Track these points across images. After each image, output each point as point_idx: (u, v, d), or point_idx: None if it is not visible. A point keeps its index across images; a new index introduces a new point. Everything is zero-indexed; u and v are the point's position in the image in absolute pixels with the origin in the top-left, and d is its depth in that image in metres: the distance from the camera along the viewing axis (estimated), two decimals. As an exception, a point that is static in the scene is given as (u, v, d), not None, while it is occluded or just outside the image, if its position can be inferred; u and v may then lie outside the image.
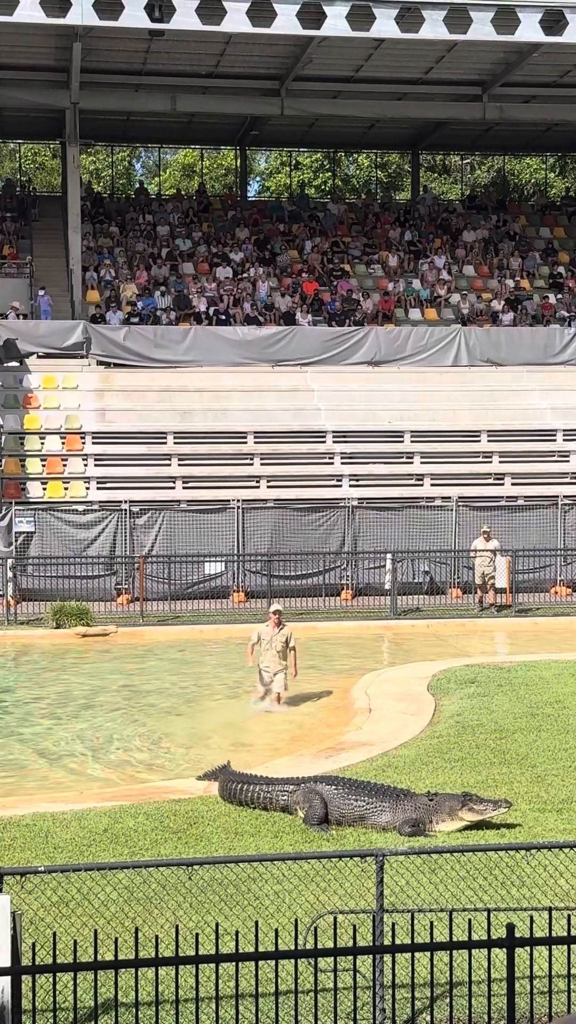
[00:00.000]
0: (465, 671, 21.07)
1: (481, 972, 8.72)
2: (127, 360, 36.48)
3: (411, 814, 12.44)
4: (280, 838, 12.31)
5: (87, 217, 42.13)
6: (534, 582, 31.35)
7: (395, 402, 36.23)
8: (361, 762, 15.11)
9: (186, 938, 8.80)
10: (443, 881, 10.33)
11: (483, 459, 34.89)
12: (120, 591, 30.74)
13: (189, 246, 42.35)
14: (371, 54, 37.43)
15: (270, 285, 40.48)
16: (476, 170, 64.76)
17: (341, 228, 44.59)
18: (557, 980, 8.80)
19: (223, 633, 27.01)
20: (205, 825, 12.69)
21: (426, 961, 8.65)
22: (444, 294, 41.23)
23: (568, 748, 15.58)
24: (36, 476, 33.02)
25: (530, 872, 10.30)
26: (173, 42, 35.69)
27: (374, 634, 27.30)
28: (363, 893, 10.31)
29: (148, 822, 12.70)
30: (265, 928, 8.95)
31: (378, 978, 8.32)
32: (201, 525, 31.22)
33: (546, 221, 46.74)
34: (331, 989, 8.48)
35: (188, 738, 17.89)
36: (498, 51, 37.66)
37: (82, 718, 19.24)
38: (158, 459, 33.76)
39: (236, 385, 36.31)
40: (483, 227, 45.05)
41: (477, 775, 14.37)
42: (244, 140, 49.10)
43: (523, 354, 38.27)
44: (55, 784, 15.49)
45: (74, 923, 9.59)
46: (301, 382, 36.80)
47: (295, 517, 31.71)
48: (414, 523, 31.81)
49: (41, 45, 35.78)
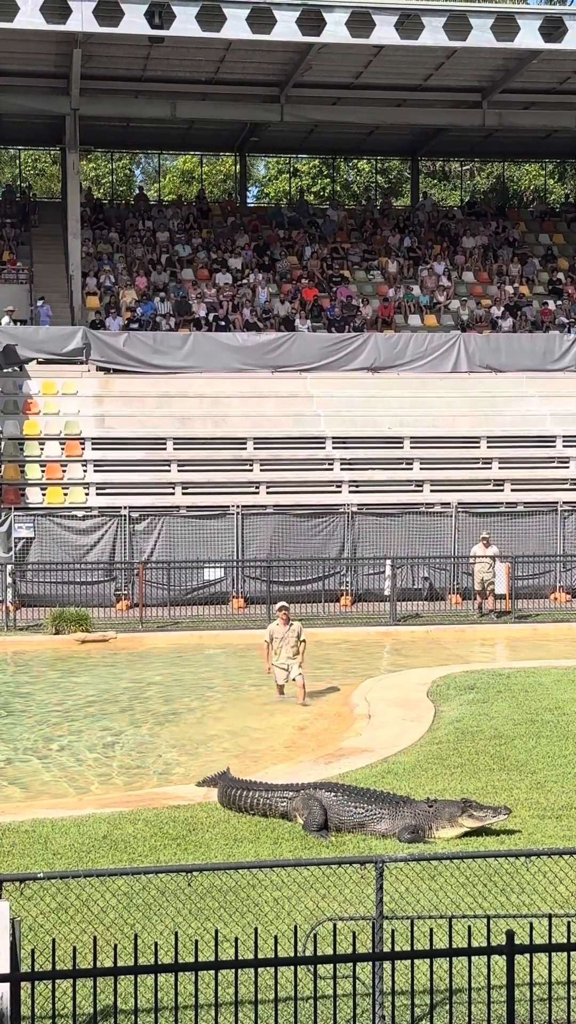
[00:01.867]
0: (465, 677, 21.05)
1: (481, 979, 8.71)
2: (127, 366, 36.49)
3: (410, 821, 12.42)
4: (279, 845, 12.29)
5: (87, 223, 42.18)
6: (533, 588, 31.34)
7: (395, 408, 36.24)
8: (360, 768, 15.08)
9: (185, 945, 8.79)
10: (442, 888, 10.31)
11: (483, 465, 34.90)
12: (119, 597, 30.73)
13: (189, 252, 42.39)
14: (371, 61, 37.50)
15: (270, 291, 40.52)
16: (476, 176, 64.85)
17: (341, 234, 44.64)
18: (557, 987, 8.78)
19: (222, 639, 27.00)
20: (204, 831, 12.67)
21: (426, 968, 8.64)
22: (444, 300, 41.28)
23: (568, 754, 15.56)
24: (36, 482, 33.02)
25: (530, 879, 10.29)
26: (173, 49, 35.76)
27: (373, 640, 27.27)
28: (362, 900, 10.29)
29: (147, 828, 12.69)
30: (264, 935, 8.93)
31: (377, 985, 8.31)
32: (200, 531, 31.21)
33: (545, 227, 46.80)
34: (331, 996, 8.46)
35: (187, 744, 17.86)
36: (498, 58, 37.74)
37: (81, 724, 19.22)
38: (157, 465, 33.76)
39: (235, 391, 36.32)
40: (483, 233, 45.11)
41: (476, 781, 14.36)
42: (244, 146, 49.18)
43: (522, 360, 38.28)
44: (54, 790, 15.47)
45: (73, 929, 9.57)
46: (301, 388, 36.81)
47: (294, 523, 31.71)
48: (413, 529, 31.81)
49: (41, 51, 35.85)
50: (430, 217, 46.53)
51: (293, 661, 20.39)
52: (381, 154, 55.93)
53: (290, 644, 20.42)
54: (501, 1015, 8.43)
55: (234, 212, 46.43)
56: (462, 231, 45.23)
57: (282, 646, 20.45)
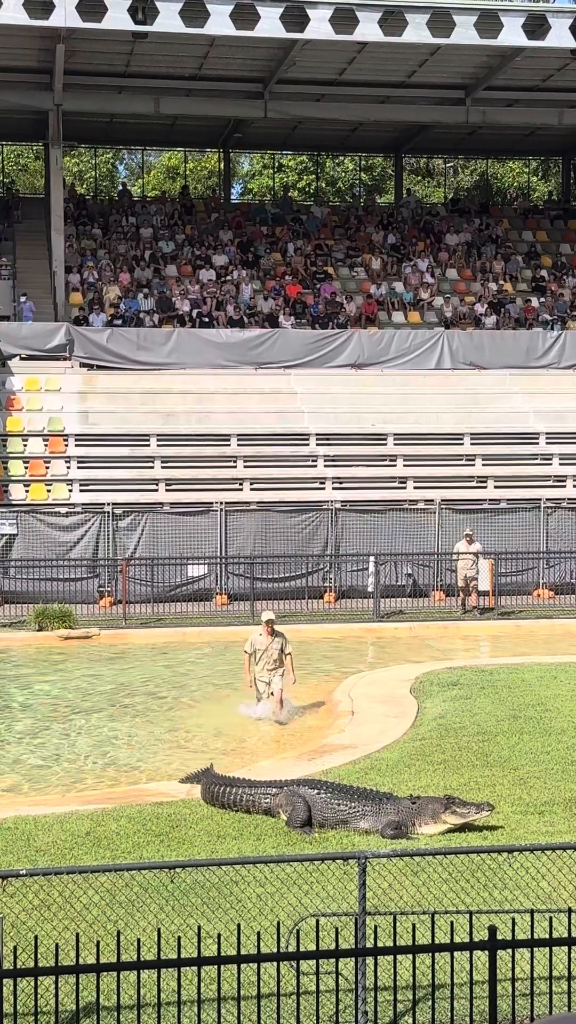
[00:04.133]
0: (448, 674, 21.09)
1: (463, 974, 8.73)
2: (110, 362, 36.43)
3: (393, 817, 12.45)
4: (263, 841, 12.30)
5: (70, 219, 42.08)
6: (517, 585, 31.40)
7: (378, 405, 36.26)
8: (344, 765, 15.11)
9: (168, 941, 8.79)
10: (425, 884, 10.34)
11: (466, 462, 34.95)
12: (103, 594, 30.68)
13: (172, 248, 42.32)
14: (354, 57, 37.46)
15: (253, 287, 40.49)
16: (459, 173, 64.90)
17: (324, 231, 44.62)
18: (539, 982, 8.81)
19: (206, 636, 26.99)
20: (188, 828, 12.67)
21: (408, 963, 8.66)
22: (427, 297, 41.30)
23: (550, 751, 15.61)
24: (19, 478, 32.93)
25: (512, 874, 10.32)
26: (156, 44, 35.67)
27: (357, 636, 27.29)
28: (345, 896, 10.31)
29: (130, 825, 12.68)
30: (247, 931, 8.94)
31: (360, 981, 8.32)
32: (184, 527, 31.19)
33: (529, 225, 46.86)
34: (313, 992, 8.47)
35: (171, 740, 17.86)
36: (481, 55, 37.74)
37: (63, 720, 19.21)
38: (141, 461, 33.71)
39: (219, 387, 36.29)
40: (466, 230, 45.14)
41: (460, 777, 14.39)
42: (227, 142, 49.10)
43: (506, 357, 38.34)
44: (37, 787, 15.45)
45: (56, 926, 9.56)
46: (284, 385, 36.80)
47: (278, 519, 31.71)
48: (397, 525, 31.84)
49: (24, 47, 35.69)
50: (414, 214, 46.54)
51: (275, 674, 19.10)
52: (365, 151, 55.89)
53: (273, 657, 19.13)
54: (483, 1011, 8.45)
55: (218, 208, 46.37)
56: (446, 228, 45.26)
57: (263, 659, 19.16)
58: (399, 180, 52.29)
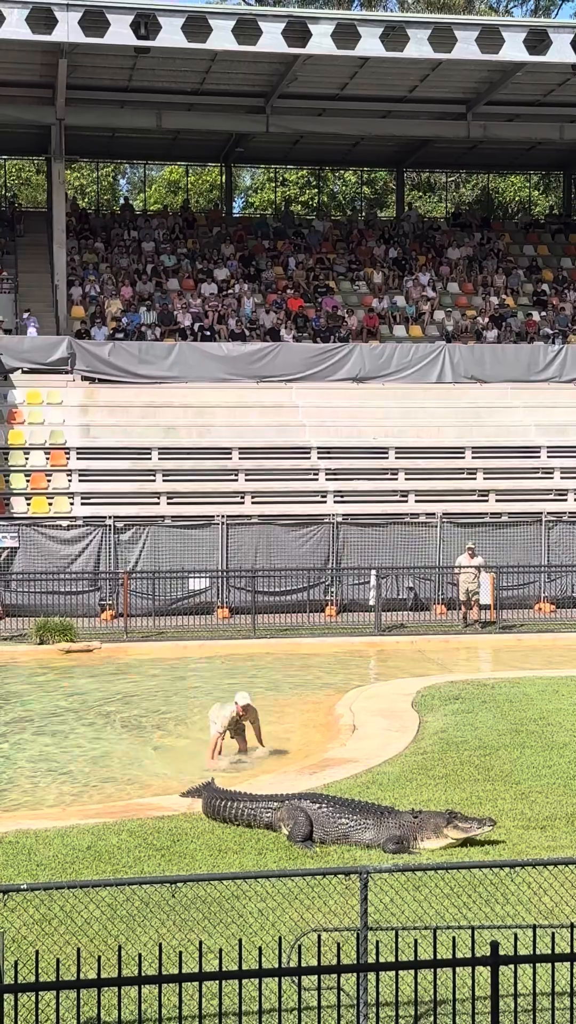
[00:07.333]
0: (449, 688, 21.06)
1: (465, 990, 8.70)
2: (112, 376, 36.46)
3: (395, 831, 12.42)
4: (264, 855, 12.27)
5: (72, 233, 42.15)
6: (518, 599, 31.38)
7: (379, 418, 36.28)
8: (345, 779, 15.08)
9: (169, 956, 8.76)
10: (427, 899, 10.31)
11: (467, 476, 34.94)
12: (104, 607, 30.67)
13: (174, 262, 42.40)
14: (356, 72, 37.58)
15: (255, 301, 40.55)
16: (460, 188, 65.02)
17: (326, 245, 44.71)
18: (541, 998, 8.78)
19: (207, 649, 26.97)
20: (189, 842, 12.64)
21: (410, 979, 8.63)
22: (428, 311, 41.36)
23: (552, 765, 15.58)
24: (20, 491, 32.94)
25: (514, 890, 10.29)
26: (159, 59, 35.80)
27: (358, 650, 27.27)
28: (347, 911, 10.28)
29: (131, 839, 12.65)
30: (249, 946, 8.92)
31: (362, 996, 8.29)
32: (185, 541, 31.19)
33: (530, 239, 46.94)
34: (315, 1007, 8.44)
35: (172, 754, 17.83)
36: (482, 70, 37.86)
37: (65, 734, 19.17)
38: (142, 475, 33.73)
39: (220, 401, 36.31)
40: (467, 244, 45.22)
41: (461, 792, 14.36)
42: (229, 157, 49.22)
43: (507, 371, 38.36)
44: (38, 800, 15.42)
45: (57, 941, 9.54)
46: (286, 398, 36.83)
47: (279, 533, 31.71)
48: (398, 539, 31.84)
49: (27, 61, 35.82)
50: (415, 228, 46.63)
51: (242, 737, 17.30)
52: (366, 165, 56.01)
53: (243, 734, 17.32)
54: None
55: (219, 222, 46.45)
56: (447, 242, 45.34)
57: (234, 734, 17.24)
58: (400, 194, 52.40)
